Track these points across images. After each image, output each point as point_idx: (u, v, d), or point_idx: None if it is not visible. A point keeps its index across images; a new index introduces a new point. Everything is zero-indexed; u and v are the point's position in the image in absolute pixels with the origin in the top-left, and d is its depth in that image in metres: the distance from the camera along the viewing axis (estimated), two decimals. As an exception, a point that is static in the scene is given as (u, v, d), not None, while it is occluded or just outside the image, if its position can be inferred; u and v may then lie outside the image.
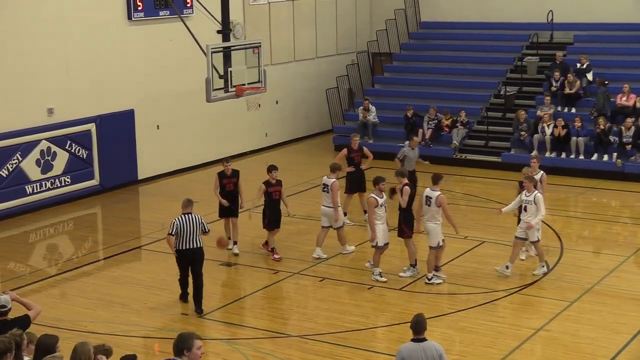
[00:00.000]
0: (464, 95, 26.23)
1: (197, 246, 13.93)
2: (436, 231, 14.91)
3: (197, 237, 13.89)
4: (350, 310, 14.03)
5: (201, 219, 14.01)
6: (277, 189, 16.15)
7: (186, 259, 13.98)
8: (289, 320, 13.83)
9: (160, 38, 22.74)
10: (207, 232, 14.04)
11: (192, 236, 13.82)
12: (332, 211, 16.31)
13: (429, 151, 24.40)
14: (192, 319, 13.76)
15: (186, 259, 13.99)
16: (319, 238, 16.48)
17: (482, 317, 13.62)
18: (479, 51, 27.79)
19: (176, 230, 13.77)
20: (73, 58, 20.81)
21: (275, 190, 16.13)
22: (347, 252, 16.57)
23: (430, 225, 14.89)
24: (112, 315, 13.91)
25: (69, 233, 19.28)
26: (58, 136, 20.51)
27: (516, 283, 14.99)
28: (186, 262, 14.05)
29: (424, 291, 14.68)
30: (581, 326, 13.36)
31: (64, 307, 14.39)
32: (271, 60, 25.85)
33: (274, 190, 16.12)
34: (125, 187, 22.19)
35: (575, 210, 20.38)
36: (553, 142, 23.11)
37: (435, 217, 14.89)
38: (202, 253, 14.07)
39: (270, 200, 16.15)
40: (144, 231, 18.88)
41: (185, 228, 13.77)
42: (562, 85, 24.52)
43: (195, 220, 13.88)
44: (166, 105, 23.20)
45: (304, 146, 27.61)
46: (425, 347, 8.99)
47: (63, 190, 20.67)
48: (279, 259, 16.15)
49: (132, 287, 15.25)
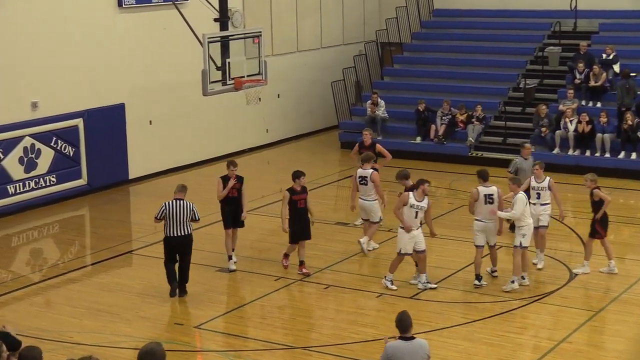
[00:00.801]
0: (480, 89, 26.22)
1: (186, 233, 14.50)
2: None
3: (187, 224, 14.46)
4: (357, 320, 14.05)
5: (193, 206, 14.53)
6: (303, 197, 15.57)
7: (174, 246, 14.53)
8: (292, 330, 13.85)
9: (153, 27, 22.78)
10: (197, 219, 14.63)
11: (181, 223, 14.38)
12: (369, 204, 16.63)
13: (442, 149, 24.45)
14: (187, 329, 13.79)
15: (174, 246, 14.54)
16: (366, 231, 16.85)
17: (499, 327, 13.63)
18: (496, 41, 27.79)
19: (163, 215, 14.36)
20: (59, 48, 20.84)
21: (301, 198, 15.55)
22: (372, 248, 16.77)
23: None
24: (100, 325, 13.92)
25: (54, 236, 19.32)
26: (43, 132, 20.55)
27: (536, 291, 14.99)
28: (174, 250, 14.58)
29: (437, 299, 14.70)
30: (607, 338, 13.36)
31: (49, 316, 14.40)
32: (272, 51, 25.88)
33: (299, 198, 15.54)
34: (115, 187, 22.24)
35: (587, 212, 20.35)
36: (576, 139, 23.11)
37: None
38: (191, 240, 14.65)
39: (295, 210, 15.54)
40: (135, 234, 18.91)
41: (174, 213, 14.36)
42: (586, 77, 24.51)
43: (186, 207, 14.42)
44: (159, 99, 23.24)
45: (308, 143, 27.63)
46: (414, 346, 9.15)
47: (48, 191, 20.71)
48: (307, 274, 15.76)
49: (122, 294, 15.27)
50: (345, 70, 28.20)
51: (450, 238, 17.50)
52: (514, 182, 15.43)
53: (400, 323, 9.24)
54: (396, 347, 9.17)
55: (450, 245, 17.17)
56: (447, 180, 22.42)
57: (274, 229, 18.31)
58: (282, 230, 15.68)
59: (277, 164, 25.24)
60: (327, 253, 16.75)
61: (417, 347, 9.20)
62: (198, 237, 17.01)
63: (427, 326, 13.51)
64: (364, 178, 16.68)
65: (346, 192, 21.98)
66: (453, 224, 18.48)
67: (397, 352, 9.14)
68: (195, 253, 15.72)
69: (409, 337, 9.20)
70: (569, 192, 21.13)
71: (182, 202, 14.49)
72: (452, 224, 18.49)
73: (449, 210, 19.56)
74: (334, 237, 17.29)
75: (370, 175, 16.57)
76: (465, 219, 17.36)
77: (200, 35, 17.70)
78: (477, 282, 15.14)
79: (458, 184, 22.12)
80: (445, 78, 27.06)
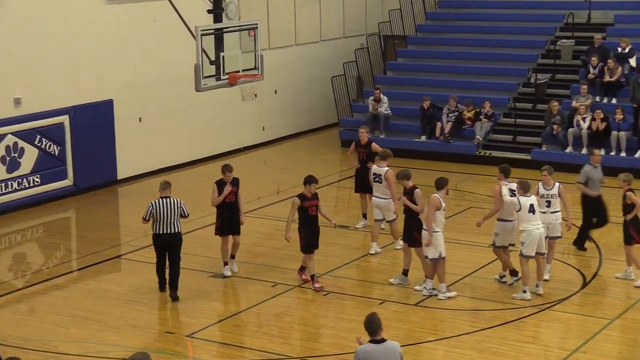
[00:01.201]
0: (488, 84, 26.19)
1: (175, 231, 14.92)
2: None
3: (176, 222, 14.90)
4: (358, 329, 13.92)
5: (180, 202, 14.92)
6: (314, 203, 15.41)
7: (163, 244, 14.97)
8: (289, 339, 13.82)
9: (142, 19, 22.74)
10: (186, 216, 15.04)
11: (170, 220, 14.84)
12: (385, 202, 16.79)
13: (448, 147, 24.39)
14: (177, 338, 13.74)
15: (163, 245, 14.99)
16: (373, 232, 17.17)
17: (509, 336, 13.58)
18: (505, 33, 27.77)
19: (152, 215, 14.77)
20: (43, 41, 20.79)
21: (312, 205, 15.39)
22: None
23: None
24: (87, 333, 13.87)
25: (38, 240, 19.28)
26: (26, 130, 20.51)
27: (548, 298, 14.94)
28: (163, 248, 15.04)
29: (443, 307, 14.64)
30: (624, 348, 13.33)
31: (33, 324, 14.35)
32: (269, 44, 25.83)
33: (310, 205, 15.38)
34: (103, 188, 22.20)
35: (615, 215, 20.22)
36: (590, 137, 23.07)
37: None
38: (181, 239, 15.07)
39: (307, 217, 15.34)
40: (124, 238, 18.87)
41: (162, 212, 14.77)
42: (600, 72, 24.48)
43: (174, 204, 14.83)
44: (149, 95, 23.20)
45: (306, 142, 27.61)
46: (386, 348, 9.17)
47: (32, 192, 20.66)
48: (320, 289, 15.49)
49: (110, 301, 15.22)
50: (346, 64, 28.17)
51: (457, 242, 17.44)
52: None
53: (369, 325, 9.28)
54: (368, 351, 9.19)
55: (457, 250, 17.10)
56: (453, 181, 22.18)
57: (270, 232, 18.29)
58: (284, 238, 15.58)
59: (274, 163, 25.22)
60: (327, 257, 16.70)
61: (390, 349, 9.22)
62: (190, 241, 17.02)
63: (433, 334, 13.48)
64: (378, 176, 16.87)
65: (347, 194, 21.98)
66: (461, 227, 18.41)
67: (369, 356, 9.16)
68: (187, 257, 15.72)
69: (380, 339, 9.21)
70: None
71: (169, 199, 14.88)
72: (460, 227, 18.42)
73: (455, 213, 19.48)
74: (334, 241, 17.25)
75: (385, 174, 16.77)
76: (472, 222, 17.28)
77: (193, 27, 17.64)
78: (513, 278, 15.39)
79: (465, 185, 22.05)
80: (452, 73, 27.03)
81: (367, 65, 28.82)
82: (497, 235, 15.29)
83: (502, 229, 15.22)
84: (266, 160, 25.72)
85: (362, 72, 28.82)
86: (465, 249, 17.21)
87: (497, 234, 15.26)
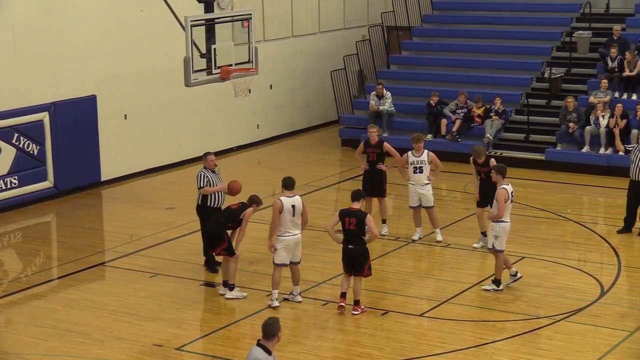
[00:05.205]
0: (499, 79, 26.26)
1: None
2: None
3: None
4: (359, 341, 14.04)
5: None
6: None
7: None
8: (285, 352, 13.83)
9: (128, 8, 22.79)
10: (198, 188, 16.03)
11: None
12: (425, 191, 17.94)
13: (457, 147, 24.43)
14: (166, 351, 13.77)
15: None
16: (415, 218, 18.31)
17: (521, 349, 13.62)
18: (517, 24, 27.84)
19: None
20: (21, 33, 20.84)
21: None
22: (440, 239, 18.00)
23: None
24: (68, 346, 13.91)
25: (16, 246, 19.31)
26: (3, 128, 20.54)
27: (563, 308, 14.99)
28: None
29: (450, 317, 14.69)
30: (643, 361, 13.36)
31: (10, 337, 14.37)
32: (264, 36, 25.91)
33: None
34: (86, 191, 22.24)
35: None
36: (609, 135, 23.11)
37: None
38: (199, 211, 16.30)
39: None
40: (109, 244, 18.90)
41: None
42: (620, 65, 24.54)
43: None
44: (135, 91, 23.25)
45: (304, 141, 27.64)
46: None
47: (9, 194, 20.70)
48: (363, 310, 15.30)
49: (93, 312, 15.25)
50: (346, 58, 28.23)
51: (465, 248, 17.50)
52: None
53: (266, 327, 9.48)
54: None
55: (465, 257, 17.16)
56: (461, 182, 22.39)
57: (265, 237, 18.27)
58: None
59: (269, 164, 25.23)
60: (326, 265, 16.75)
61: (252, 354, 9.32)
62: (180, 247, 17.06)
63: (439, 347, 13.51)
64: (420, 163, 18.03)
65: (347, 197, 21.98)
66: (470, 232, 18.44)
67: None
68: (176, 265, 15.77)
69: (268, 350, 9.43)
70: (600, 196, 21.16)
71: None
72: (469, 232, 18.46)
73: (463, 217, 19.54)
74: (333, 247, 17.24)
75: (428, 156, 18.05)
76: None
77: (182, 18, 17.70)
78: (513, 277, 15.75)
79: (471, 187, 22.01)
80: (460, 67, 27.10)
81: (369, 59, 28.87)
82: (497, 238, 15.34)
83: (503, 230, 15.30)
84: (260, 161, 25.75)
85: (363, 66, 28.88)
86: (473, 256, 17.28)
87: (497, 236, 15.33)
